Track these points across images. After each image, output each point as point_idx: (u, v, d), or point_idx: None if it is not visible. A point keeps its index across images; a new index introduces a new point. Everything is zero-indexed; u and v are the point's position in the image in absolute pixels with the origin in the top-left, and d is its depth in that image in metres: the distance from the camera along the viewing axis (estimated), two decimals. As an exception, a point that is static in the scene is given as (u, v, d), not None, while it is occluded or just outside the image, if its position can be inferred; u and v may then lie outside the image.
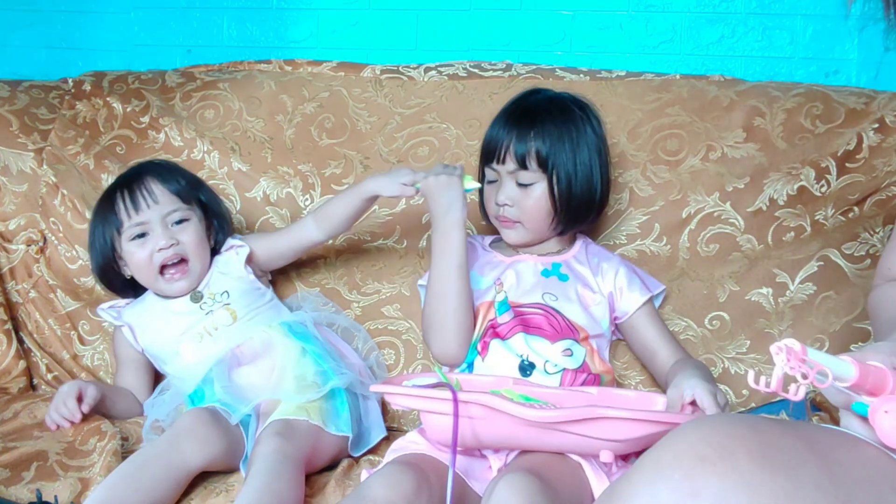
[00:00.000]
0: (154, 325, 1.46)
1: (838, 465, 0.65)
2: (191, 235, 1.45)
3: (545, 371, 1.28)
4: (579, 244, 1.42)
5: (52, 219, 1.67)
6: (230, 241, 1.51)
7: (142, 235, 1.43)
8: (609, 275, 1.38)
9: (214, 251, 1.50)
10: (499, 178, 1.37)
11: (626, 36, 1.80)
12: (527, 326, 1.32)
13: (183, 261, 1.44)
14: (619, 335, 1.42)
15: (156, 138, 1.73)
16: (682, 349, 1.37)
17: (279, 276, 1.59)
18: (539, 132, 1.34)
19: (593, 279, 1.38)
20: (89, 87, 1.80)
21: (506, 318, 1.33)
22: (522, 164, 1.34)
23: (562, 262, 1.39)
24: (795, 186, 1.48)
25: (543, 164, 1.34)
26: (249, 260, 1.50)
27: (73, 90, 1.81)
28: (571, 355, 1.30)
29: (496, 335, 1.32)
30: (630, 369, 1.43)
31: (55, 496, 1.15)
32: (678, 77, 1.62)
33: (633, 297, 1.37)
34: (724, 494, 0.59)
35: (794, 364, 0.64)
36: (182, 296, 1.45)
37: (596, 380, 1.31)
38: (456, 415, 1.04)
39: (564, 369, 1.29)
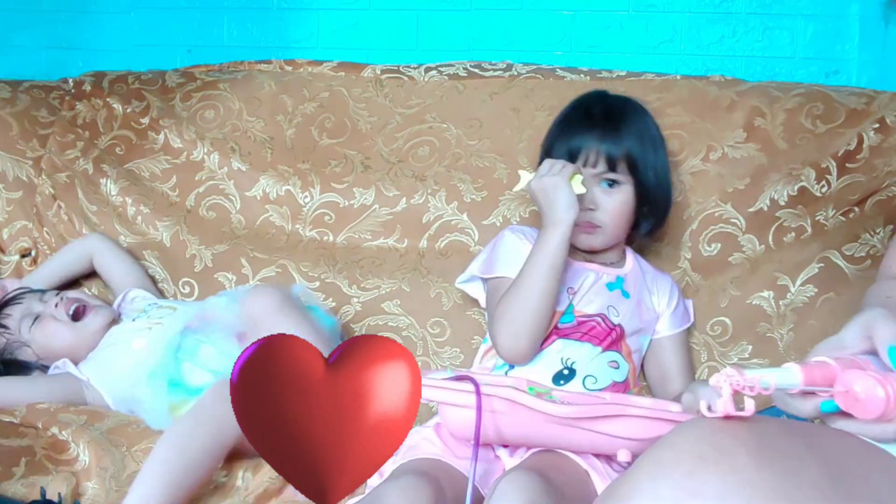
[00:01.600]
0: (105, 354, 1.45)
1: (838, 465, 0.65)
2: (75, 294, 1.50)
3: (584, 385, 1.25)
4: (631, 257, 1.39)
5: (45, 229, 1.67)
6: (118, 300, 1.55)
7: (35, 318, 1.45)
8: (660, 295, 1.37)
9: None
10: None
11: (627, 36, 1.80)
12: (583, 334, 1.29)
13: (85, 306, 1.47)
14: None
15: (155, 139, 1.73)
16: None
17: (278, 273, 1.59)
18: (627, 133, 1.32)
19: (649, 297, 1.36)
20: (89, 88, 1.80)
21: (567, 326, 1.29)
22: (612, 167, 1.31)
23: (624, 276, 1.35)
24: (796, 187, 1.48)
25: (633, 167, 1.32)
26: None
27: (73, 90, 1.81)
28: (618, 368, 1.29)
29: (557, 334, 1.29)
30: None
31: (59, 493, 1.15)
32: (678, 77, 1.62)
33: (675, 322, 1.37)
34: (725, 494, 0.59)
35: (736, 383, 0.69)
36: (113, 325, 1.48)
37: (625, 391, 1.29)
38: (479, 408, 1.03)
39: (613, 382, 1.27)
